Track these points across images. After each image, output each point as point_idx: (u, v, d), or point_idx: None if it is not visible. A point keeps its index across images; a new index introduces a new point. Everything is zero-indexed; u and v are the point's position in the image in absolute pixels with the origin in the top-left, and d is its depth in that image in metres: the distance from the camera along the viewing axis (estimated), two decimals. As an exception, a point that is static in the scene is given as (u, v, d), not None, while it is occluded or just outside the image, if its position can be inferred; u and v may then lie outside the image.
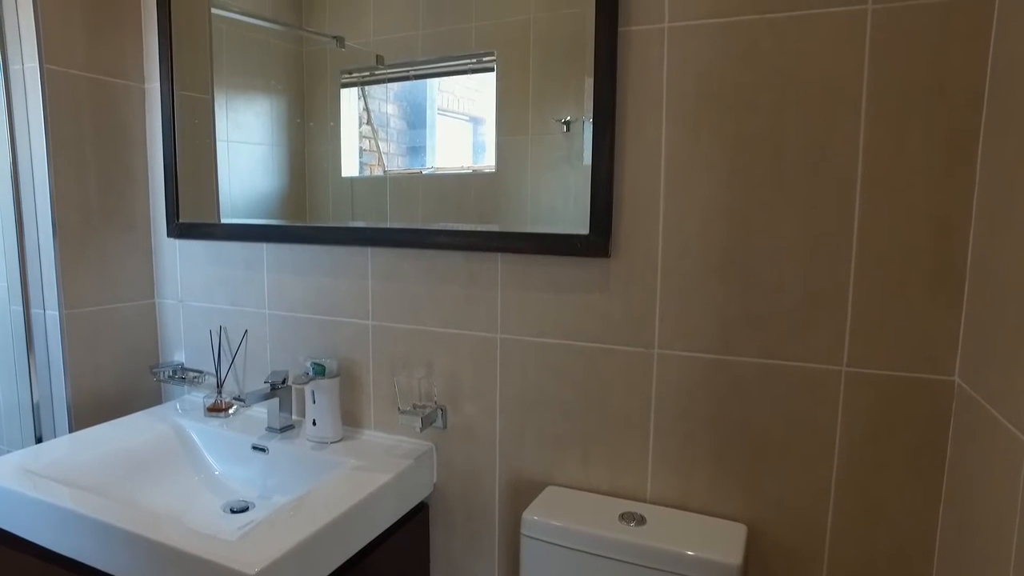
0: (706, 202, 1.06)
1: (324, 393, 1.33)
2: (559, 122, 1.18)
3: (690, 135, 1.06)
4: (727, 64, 1.03)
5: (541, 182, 1.22)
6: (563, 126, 1.18)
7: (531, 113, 1.22)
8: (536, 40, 1.21)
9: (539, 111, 1.21)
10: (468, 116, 1.33)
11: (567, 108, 1.17)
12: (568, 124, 1.17)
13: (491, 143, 1.27)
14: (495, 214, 1.26)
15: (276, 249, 1.49)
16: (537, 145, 1.22)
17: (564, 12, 1.17)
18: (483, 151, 1.31)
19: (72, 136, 1.50)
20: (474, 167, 1.31)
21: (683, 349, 1.10)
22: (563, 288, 1.18)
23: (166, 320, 1.71)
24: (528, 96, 1.23)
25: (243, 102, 1.56)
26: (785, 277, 1.02)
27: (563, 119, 1.18)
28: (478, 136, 1.32)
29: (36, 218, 1.50)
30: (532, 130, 1.22)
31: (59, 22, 1.46)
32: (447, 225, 1.29)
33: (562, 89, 1.19)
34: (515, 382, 1.25)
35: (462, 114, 1.34)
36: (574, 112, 1.16)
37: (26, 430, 1.58)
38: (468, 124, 1.34)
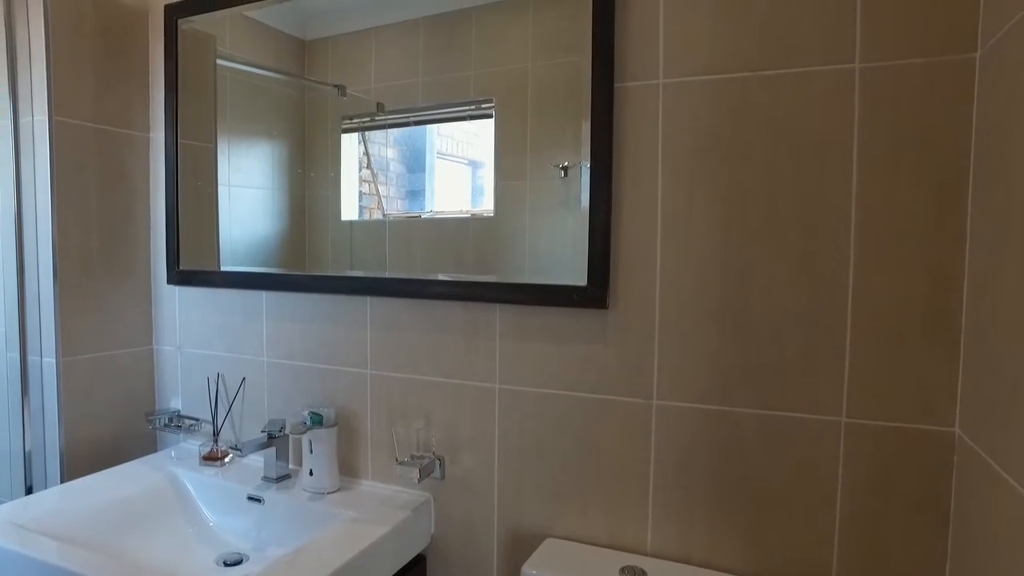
0: (703, 253, 1.07)
1: (321, 443, 1.32)
2: (557, 167, 1.20)
3: (686, 188, 1.08)
4: (721, 119, 1.05)
5: (539, 226, 1.23)
6: (561, 171, 1.20)
7: (529, 158, 1.25)
8: (534, 87, 1.24)
9: (537, 156, 1.23)
10: (467, 160, 1.35)
11: (564, 154, 1.19)
12: (566, 169, 1.19)
13: (490, 187, 1.29)
14: (494, 258, 1.28)
15: (275, 297, 1.50)
16: (535, 190, 1.24)
17: (561, 61, 1.20)
18: (482, 194, 1.33)
19: (77, 185, 1.52)
20: (472, 211, 1.32)
21: (682, 400, 1.10)
22: (562, 339, 1.18)
23: (163, 367, 1.70)
24: (526, 142, 1.25)
25: (245, 147, 1.59)
26: (783, 328, 1.03)
27: (561, 164, 1.20)
28: (477, 179, 1.34)
29: (37, 265, 1.51)
30: (530, 175, 1.24)
31: (70, 76, 1.50)
32: (446, 276, 1.30)
33: (559, 135, 1.21)
34: (514, 432, 1.24)
35: (461, 158, 1.36)
36: (571, 158, 1.18)
37: (16, 480, 1.56)
38: (467, 168, 1.36)
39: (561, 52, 1.21)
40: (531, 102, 1.25)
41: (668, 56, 1.08)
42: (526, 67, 1.25)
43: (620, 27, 1.11)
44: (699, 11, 1.06)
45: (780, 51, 1.01)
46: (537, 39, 1.24)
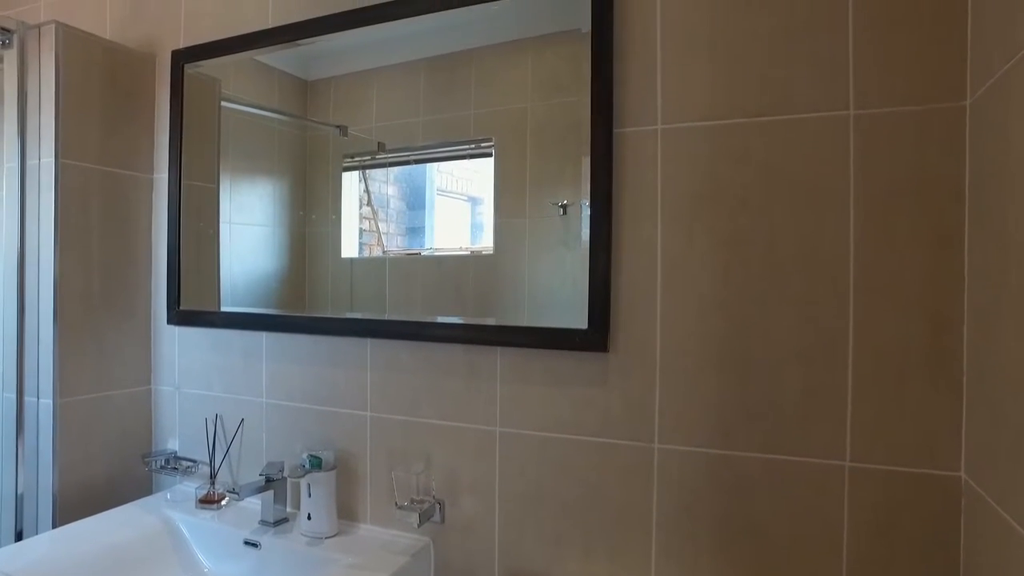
0: (702, 297, 1.08)
1: (320, 486, 1.30)
2: (556, 205, 1.21)
3: (685, 231, 1.09)
4: (719, 164, 1.07)
5: (539, 264, 1.24)
6: (560, 209, 1.21)
7: (528, 197, 1.26)
8: (533, 127, 1.26)
9: (536, 195, 1.25)
10: (466, 196, 1.36)
11: (563, 192, 1.21)
12: (564, 207, 1.20)
13: (489, 223, 1.30)
14: (494, 295, 1.28)
15: (275, 338, 1.50)
16: (535, 227, 1.25)
17: (559, 101, 1.23)
18: (481, 231, 1.33)
19: (80, 226, 1.53)
20: (472, 248, 1.33)
21: (684, 444, 1.09)
22: (563, 382, 1.18)
23: (161, 407, 1.69)
24: (525, 180, 1.27)
25: (246, 185, 1.61)
26: (784, 371, 1.03)
27: (560, 202, 1.21)
28: (476, 216, 1.35)
29: (38, 306, 1.51)
30: (530, 213, 1.26)
31: (77, 120, 1.52)
32: (447, 316, 1.30)
33: (558, 173, 1.23)
34: (514, 476, 1.22)
35: (460, 194, 1.37)
36: (570, 196, 1.19)
37: (6, 524, 1.53)
38: (466, 204, 1.37)
39: (559, 92, 1.23)
40: (530, 141, 1.26)
41: (666, 102, 1.10)
42: (525, 107, 1.27)
43: (619, 74, 1.13)
44: (696, 59, 1.08)
45: (776, 98, 1.03)
46: (536, 80, 1.26)
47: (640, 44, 1.12)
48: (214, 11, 1.60)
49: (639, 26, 1.12)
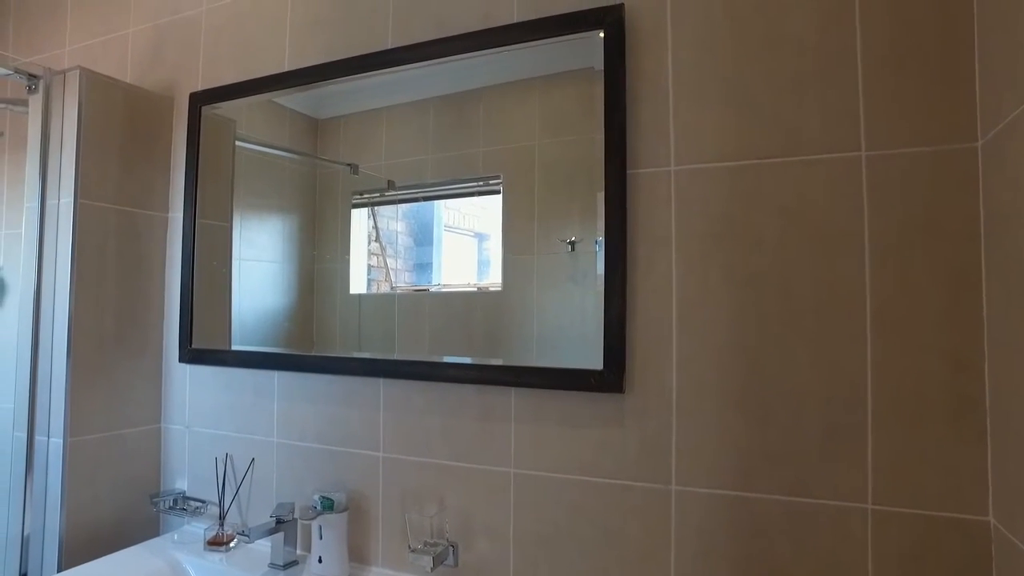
0: (718, 337, 1.08)
1: (332, 529, 1.29)
2: (564, 242, 1.22)
3: (699, 272, 1.09)
4: (732, 204, 1.08)
5: (547, 300, 1.24)
6: (568, 246, 1.22)
7: (536, 233, 1.27)
8: (541, 164, 1.28)
9: (544, 231, 1.26)
10: (473, 232, 1.38)
11: (572, 229, 1.22)
12: (573, 244, 1.21)
13: (495, 259, 1.31)
14: (502, 332, 1.28)
15: (287, 377, 1.49)
16: (543, 264, 1.26)
17: (567, 139, 1.25)
18: (488, 267, 1.34)
19: (95, 264, 1.55)
20: (479, 284, 1.33)
21: (702, 486, 1.08)
22: (578, 423, 1.17)
23: (171, 446, 1.68)
24: (534, 217, 1.28)
25: (256, 222, 1.62)
26: (802, 412, 1.02)
27: (568, 239, 1.22)
28: (483, 252, 1.35)
29: (52, 344, 1.51)
30: (538, 249, 1.26)
31: (96, 160, 1.55)
32: (458, 356, 1.29)
33: (566, 210, 1.24)
34: (530, 518, 1.21)
35: (467, 230, 1.38)
36: (578, 233, 1.20)
37: (10, 567, 1.51)
38: (473, 240, 1.38)
39: (567, 131, 1.25)
40: (538, 178, 1.28)
41: (679, 144, 1.12)
42: (533, 144, 1.29)
43: (632, 116, 1.15)
44: (708, 102, 1.10)
45: (788, 140, 1.05)
46: (543, 118, 1.28)
47: (652, 86, 1.14)
48: (231, 55, 1.64)
49: (651, 69, 1.14)
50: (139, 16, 1.82)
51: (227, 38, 1.65)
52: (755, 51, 1.07)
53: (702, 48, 1.11)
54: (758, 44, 1.07)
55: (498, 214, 1.31)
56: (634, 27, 1.16)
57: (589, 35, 1.17)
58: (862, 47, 1.00)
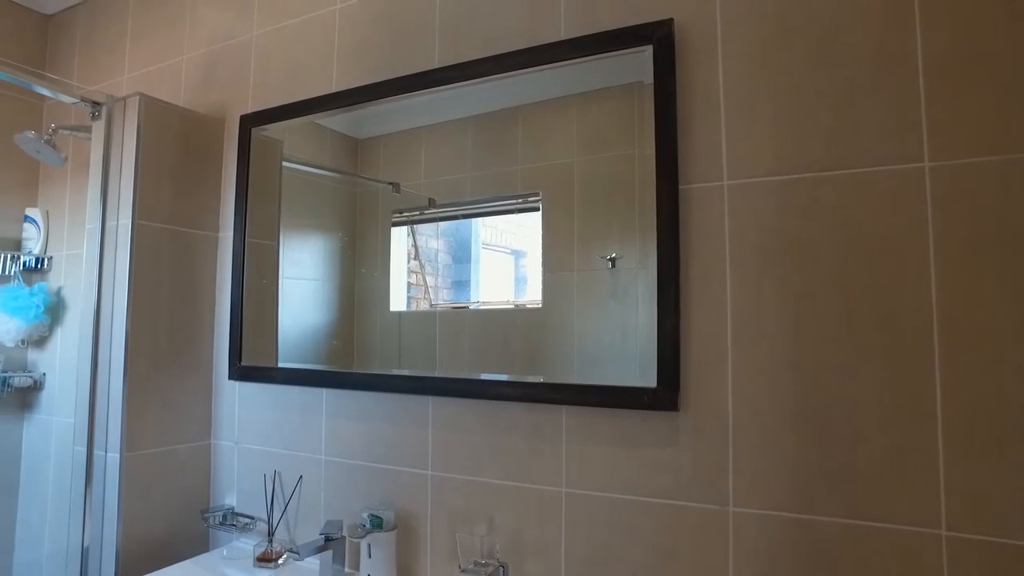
0: (775, 353, 1.05)
1: (381, 547, 1.28)
2: (604, 259, 1.21)
3: (754, 288, 1.07)
4: (788, 219, 1.05)
5: (588, 317, 1.23)
6: (608, 263, 1.21)
7: (576, 250, 1.26)
8: (579, 181, 1.27)
9: (584, 248, 1.25)
10: (510, 249, 1.38)
11: (612, 245, 1.21)
12: (613, 261, 1.20)
13: (533, 276, 1.31)
14: (542, 349, 1.28)
15: (334, 394, 1.50)
16: (583, 281, 1.25)
17: (606, 155, 1.24)
18: (525, 284, 1.34)
19: (150, 283, 1.59)
20: (516, 302, 1.34)
21: (760, 507, 1.04)
22: (631, 442, 1.15)
23: (220, 462, 1.70)
24: (573, 234, 1.27)
25: (298, 241, 1.65)
26: (865, 430, 0.98)
27: (608, 256, 1.21)
28: (520, 269, 1.35)
29: (110, 361, 1.55)
30: (578, 266, 1.26)
31: (152, 183, 1.60)
32: (510, 377, 1.29)
33: (606, 227, 1.23)
34: (581, 539, 1.18)
35: (504, 247, 1.39)
36: (619, 249, 1.19)
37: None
38: (510, 257, 1.38)
39: (606, 147, 1.25)
40: (577, 195, 1.27)
41: (732, 158, 1.10)
42: (571, 162, 1.29)
43: (682, 131, 1.13)
44: (761, 115, 1.08)
45: (845, 152, 1.02)
46: (582, 135, 1.28)
47: (703, 100, 1.13)
48: (280, 77, 1.68)
49: (702, 82, 1.13)
50: (192, 43, 1.89)
51: (276, 61, 1.70)
52: (809, 62, 1.06)
53: (754, 61, 1.10)
54: (812, 55, 1.05)
55: (536, 231, 1.31)
56: (684, 41, 1.15)
57: (638, 51, 1.17)
58: (923, 55, 0.97)
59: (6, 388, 2.04)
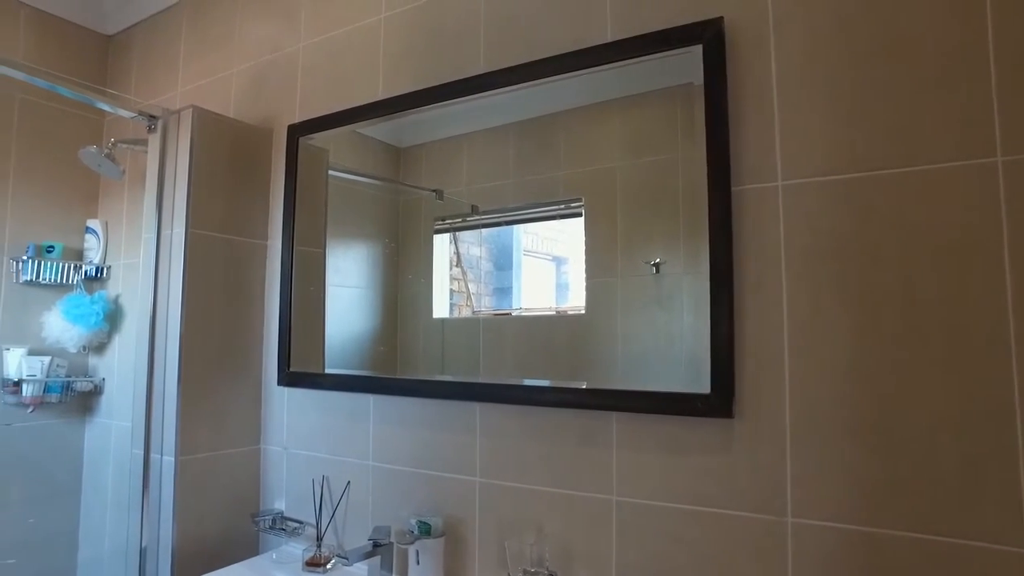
0: (835, 359, 1.01)
1: (429, 554, 1.28)
2: (648, 264, 1.19)
3: (812, 292, 1.03)
4: (846, 220, 1.01)
5: (632, 323, 1.21)
6: (652, 268, 1.19)
7: (619, 256, 1.25)
8: (622, 186, 1.26)
9: (627, 254, 1.23)
10: (551, 256, 1.37)
11: (655, 250, 1.19)
12: (657, 266, 1.18)
13: (574, 283, 1.30)
14: (585, 356, 1.27)
15: (382, 400, 1.51)
16: (626, 287, 1.23)
17: (649, 159, 1.23)
18: (566, 291, 1.33)
19: (202, 291, 1.63)
20: (557, 308, 1.33)
21: (821, 518, 1.00)
22: (683, 449, 1.12)
23: (269, 467, 1.73)
24: (616, 239, 1.26)
25: (342, 249, 1.67)
26: (934, 440, 0.93)
27: (652, 261, 1.19)
28: (561, 276, 1.34)
29: (165, 366, 1.60)
30: (621, 272, 1.24)
31: (204, 193, 1.64)
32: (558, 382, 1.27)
33: (649, 232, 1.21)
34: (633, 549, 1.16)
35: (545, 254, 1.38)
36: (663, 254, 1.17)
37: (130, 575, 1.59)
38: (551, 264, 1.37)
39: (649, 151, 1.23)
40: (620, 200, 1.26)
41: (786, 158, 1.07)
42: (614, 167, 1.27)
43: (735, 132, 1.11)
44: (816, 112, 1.05)
45: (905, 149, 0.98)
46: (624, 140, 1.27)
47: (756, 99, 1.10)
48: (327, 87, 1.71)
49: (754, 81, 1.10)
50: (242, 56, 1.94)
51: (322, 71, 1.72)
52: (867, 57, 1.02)
53: (808, 56, 1.06)
54: (870, 49, 1.01)
55: (577, 237, 1.30)
56: (734, 39, 1.12)
57: (687, 51, 1.14)
58: (995, 45, 0.93)
59: (69, 392, 2.12)
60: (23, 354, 2.02)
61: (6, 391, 2.01)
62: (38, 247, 2.09)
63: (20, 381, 2.00)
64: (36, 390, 2.02)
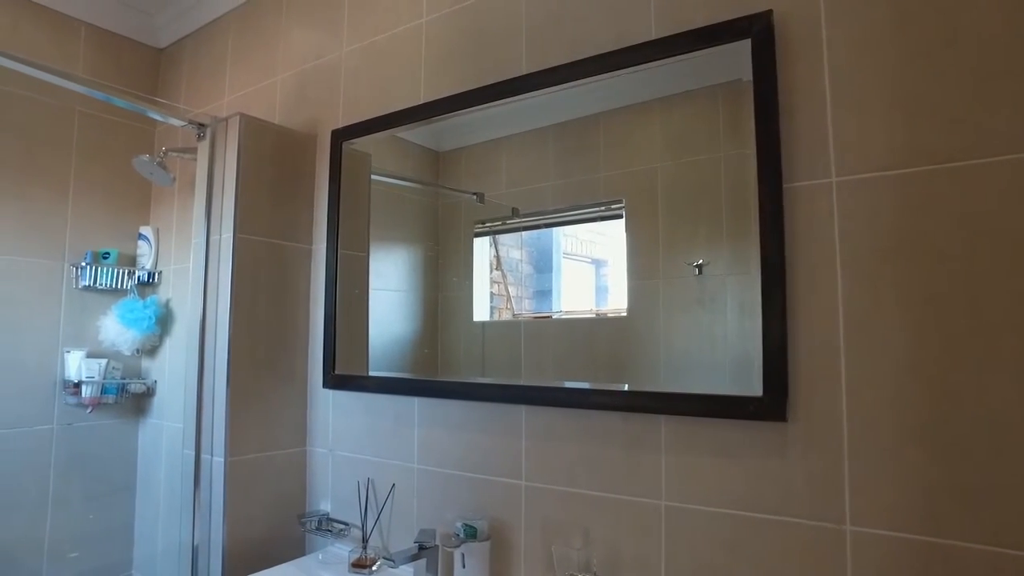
0: (896, 361, 0.97)
1: (475, 557, 1.28)
2: (691, 265, 1.17)
3: (870, 291, 0.99)
4: (906, 216, 0.97)
5: (675, 325, 1.20)
6: (695, 269, 1.17)
7: (661, 257, 1.23)
8: (663, 186, 1.24)
9: (670, 255, 1.22)
10: (590, 258, 1.36)
11: (698, 252, 1.17)
12: (700, 267, 1.16)
13: (614, 285, 1.29)
14: (627, 358, 1.25)
15: (426, 403, 1.51)
16: (669, 288, 1.21)
17: (690, 159, 1.21)
18: (606, 293, 1.32)
19: (249, 294, 1.66)
20: (597, 310, 1.32)
21: (883, 527, 0.96)
22: (734, 453, 1.09)
23: (315, 469, 1.75)
24: (658, 240, 1.24)
25: (383, 252, 1.68)
26: (1003, 446, 0.89)
27: (695, 262, 1.17)
28: (600, 278, 1.33)
29: (215, 369, 1.63)
30: (663, 274, 1.22)
31: (251, 199, 1.67)
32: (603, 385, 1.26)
33: (692, 233, 1.19)
34: (683, 555, 1.13)
35: (585, 257, 1.37)
36: (706, 255, 1.15)
37: (183, 572, 1.63)
38: (590, 266, 1.36)
39: (690, 151, 1.21)
40: (661, 201, 1.24)
41: (840, 153, 1.03)
42: (655, 167, 1.25)
43: (785, 127, 1.07)
44: (872, 106, 1.01)
45: (970, 141, 0.94)
46: (665, 140, 1.25)
47: (807, 94, 1.07)
48: (369, 92, 1.73)
49: (805, 75, 1.07)
50: (286, 64, 1.97)
51: (365, 76, 1.74)
52: (926, 48, 0.98)
53: (863, 49, 1.02)
54: (930, 40, 0.97)
55: (617, 239, 1.29)
56: (784, 33, 1.09)
57: (734, 46, 1.12)
58: (1068, 32, 0.88)
59: (124, 393, 2.19)
60: (82, 356, 2.10)
61: (67, 392, 2.09)
62: (95, 254, 2.17)
63: (80, 382, 2.07)
64: (94, 391, 2.10)
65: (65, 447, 2.09)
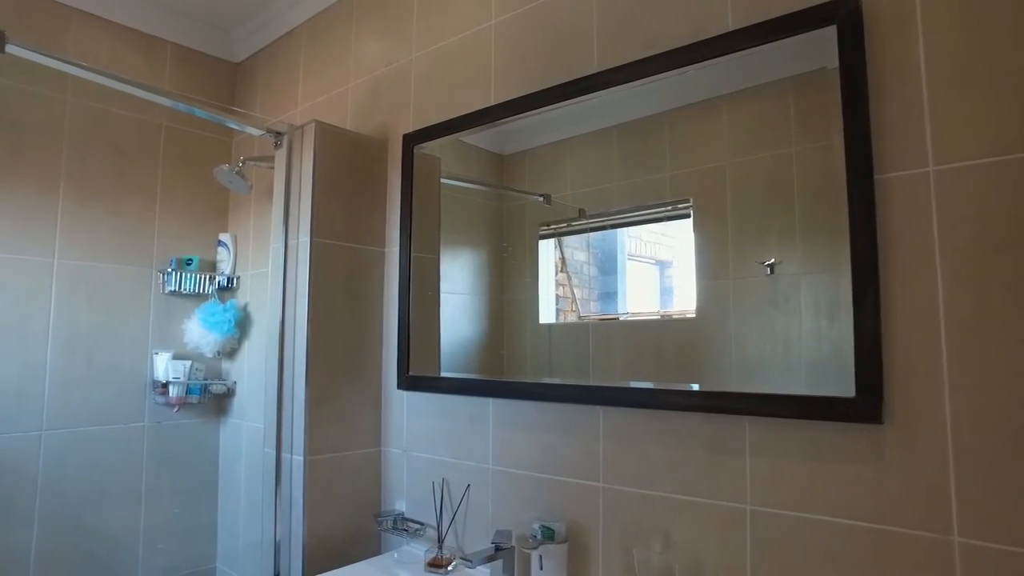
0: (1008, 362, 0.90)
1: (552, 559, 1.27)
2: (762, 265, 1.14)
3: (975, 287, 0.93)
4: (1016, 206, 0.91)
5: (746, 326, 1.16)
6: (766, 269, 1.13)
7: (731, 257, 1.20)
8: (732, 185, 1.20)
9: (739, 254, 1.18)
10: (654, 260, 1.33)
11: (769, 250, 1.13)
12: (772, 267, 1.13)
13: (679, 286, 1.27)
14: (697, 360, 1.23)
15: (501, 404, 1.52)
16: (739, 289, 1.18)
17: (759, 156, 1.17)
18: (671, 295, 1.30)
19: (326, 297, 1.71)
20: (662, 311, 1.30)
21: (996, 540, 0.90)
22: (824, 456, 1.04)
23: (390, 469, 1.78)
24: (727, 240, 1.21)
25: (450, 255, 1.70)
26: None
27: (766, 262, 1.13)
28: (665, 279, 1.31)
29: (293, 369, 1.68)
30: (733, 274, 1.19)
31: (327, 204, 1.72)
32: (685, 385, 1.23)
33: (763, 231, 1.16)
34: (771, 562, 1.09)
35: (649, 258, 1.35)
36: (778, 254, 1.12)
37: (266, 566, 1.69)
38: (655, 268, 1.34)
39: (759, 148, 1.17)
40: (730, 199, 1.21)
41: (938, 140, 0.98)
42: (723, 165, 1.22)
43: (876, 115, 1.02)
44: (975, 89, 0.95)
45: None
46: (733, 137, 1.21)
47: (900, 80, 1.01)
48: (439, 96, 1.75)
49: (897, 60, 1.02)
50: (357, 71, 2.02)
51: (435, 80, 1.77)
52: (1032, 26, 0.91)
53: (964, 29, 0.96)
54: (1035, 18, 0.91)
55: (682, 240, 1.27)
56: (873, 16, 1.04)
57: (816, 33, 1.08)
58: None
59: (207, 394, 2.30)
60: (169, 358, 2.21)
61: (156, 392, 2.20)
62: (179, 260, 2.28)
63: (167, 383, 2.18)
64: (180, 391, 2.20)
65: (155, 444, 2.21)
